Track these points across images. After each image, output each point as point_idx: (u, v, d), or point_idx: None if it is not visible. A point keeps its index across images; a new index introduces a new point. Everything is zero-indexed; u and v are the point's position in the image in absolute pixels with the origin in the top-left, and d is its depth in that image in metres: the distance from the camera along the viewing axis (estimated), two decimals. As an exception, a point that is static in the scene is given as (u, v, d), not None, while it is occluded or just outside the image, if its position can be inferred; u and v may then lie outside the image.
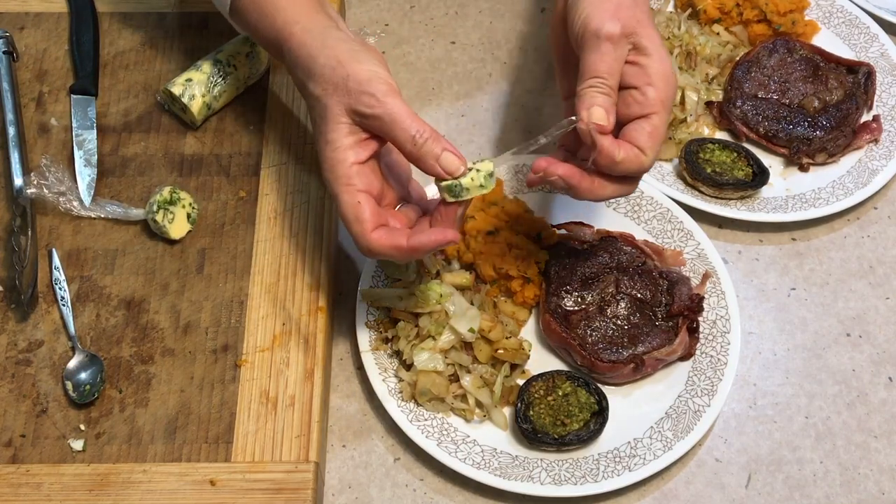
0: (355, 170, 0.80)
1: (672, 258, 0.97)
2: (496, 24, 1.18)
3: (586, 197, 0.83)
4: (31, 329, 0.91)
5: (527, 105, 1.12)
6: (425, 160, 0.79)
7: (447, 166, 0.79)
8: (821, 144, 1.06)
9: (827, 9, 1.17)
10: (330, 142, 0.80)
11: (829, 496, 0.89)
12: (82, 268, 0.94)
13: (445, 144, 0.79)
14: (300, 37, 0.83)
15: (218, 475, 0.83)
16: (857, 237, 1.04)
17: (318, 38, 0.83)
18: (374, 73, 0.79)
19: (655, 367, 0.92)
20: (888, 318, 0.99)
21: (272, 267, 0.94)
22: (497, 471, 0.86)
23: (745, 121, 1.07)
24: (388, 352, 0.92)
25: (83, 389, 0.87)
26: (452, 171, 0.79)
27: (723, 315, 0.95)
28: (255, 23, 0.88)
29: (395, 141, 0.79)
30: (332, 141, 0.80)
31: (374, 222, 0.79)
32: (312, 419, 0.86)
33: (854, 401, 0.94)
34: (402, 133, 0.78)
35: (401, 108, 0.78)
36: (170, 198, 0.94)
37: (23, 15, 1.10)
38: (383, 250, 0.80)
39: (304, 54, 0.82)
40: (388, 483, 0.89)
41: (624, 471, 0.86)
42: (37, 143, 1.01)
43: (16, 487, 0.83)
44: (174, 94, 0.99)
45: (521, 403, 0.88)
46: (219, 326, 0.91)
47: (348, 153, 0.80)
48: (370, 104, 0.78)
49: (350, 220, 0.80)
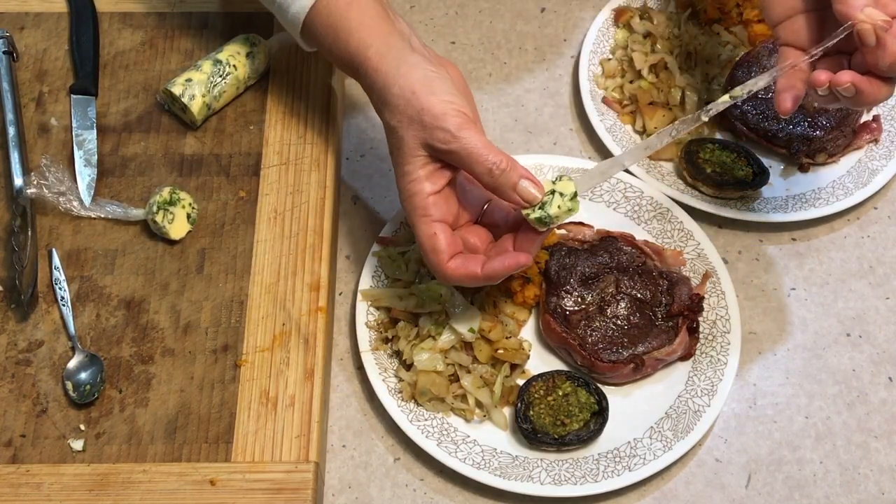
0: (431, 200, 0.81)
1: (672, 258, 0.97)
2: (496, 24, 1.18)
3: (869, 102, 0.81)
4: (31, 329, 0.91)
5: (527, 105, 1.12)
6: (503, 190, 0.80)
7: (525, 195, 0.80)
8: (821, 144, 1.06)
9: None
10: (406, 173, 0.82)
11: (829, 496, 0.89)
12: (82, 268, 0.94)
13: (522, 172, 0.80)
14: (375, 62, 0.84)
15: (218, 475, 0.83)
16: (857, 237, 1.04)
17: (393, 64, 0.83)
18: (447, 105, 0.80)
19: (655, 367, 0.92)
20: (888, 318, 0.99)
21: (272, 267, 0.94)
22: (497, 471, 0.86)
23: (745, 121, 1.07)
24: (388, 352, 0.92)
25: (83, 389, 0.87)
26: (530, 199, 0.80)
27: (723, 315, 0.95)
28: (328, 45, 0.88)
29: (472, 173, 0.81)
30: (407, 172, 0.81)
31: (449, 252, 0.81)
32: (312, 419, 0.86)
33: (854, 401, 0.94)
34: (479, 166, 0.80)
35: (476, 141, 0.79)
36: (169, 198, 0.94)
37: (23, 15, 1.10)
38: (459, 279, 0.82)
39: (380, 81, 0.83)
40: (388, 483, 0.89)
41: (624, 471, 0.86)
42: (37, 143, 1.01)
43: (16, 487, 0.83)
44: (174, 94, 0.99)
45: (521, 403, 0.88)
46: (219, 326, 0.91)
47: (424, 184, 0.81)
48: (445, 140, 0.79)
49: (427, 250, 0.81)
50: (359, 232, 1.02)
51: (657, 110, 1.07)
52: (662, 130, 0.85)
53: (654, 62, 1.10)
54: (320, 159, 0.99)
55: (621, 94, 1.10)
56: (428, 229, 0.81)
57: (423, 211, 0.81)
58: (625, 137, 1.07)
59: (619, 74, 1.12)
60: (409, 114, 0.80)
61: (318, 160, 0.99)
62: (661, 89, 1.09)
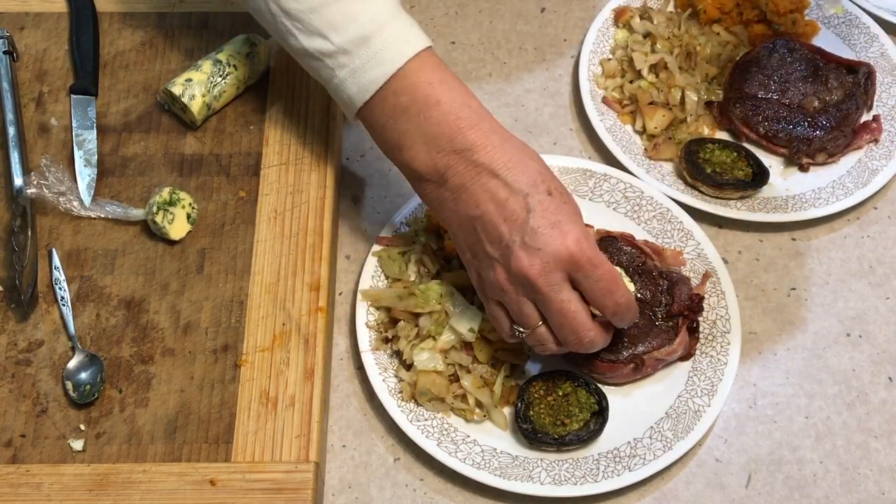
0: None
1: (672, 258, 0.97)
2: (496, 24, 1.18)
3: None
4: (31, 329, 0.91)
5: (527, 105, 1.12)
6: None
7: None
8: (821, 144, 1.06)
9: (827, 8, 1.17)
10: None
11: (829, 496, 0.89)
12: (82, 268, 0.94)
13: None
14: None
15: (218, 475, 0.83)
16: (857, 237, 1.04)
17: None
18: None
19: (655, 367, 0.92)
20: (888, 318, 0.99)
21: (272, 267, 0.94)
22: (497, 471, 0.86)
23: (745, 121, 1.07)
24: (388, 352, 0.92)
25: (83, 389, 0.87)
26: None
27: (723, 315, 0.95)
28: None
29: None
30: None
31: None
32: (312, 419, 0.86)
33: (854, 401, 0.94)
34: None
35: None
36: (169, 198, 0.94)
37: (23, 15, 1.10)
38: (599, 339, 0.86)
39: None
40: (388, 483, 0.89)
41: (624, 471, 0.86)
42: (37, 143, 1.01)
43: (16, 487, 0.83)
44: (174, 94, 0.99)
45: (521, 403, 0.88)
46: (219, 326, 0.91)
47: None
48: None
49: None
50: (359, 232, 1.02)
51: (657, 110, 1.07)
52: None
53: (654, 62, 1.10)
54: (320, 159, 0.99)
55: (621, 94, 1.10)
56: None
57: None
58: (625, 137, 1.07)
59: (619, 74, 1.12)
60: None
61: (318, 160, 0.99)
62: (661, 89, 1.09)
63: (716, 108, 1.09)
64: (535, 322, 0.83)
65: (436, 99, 0.83)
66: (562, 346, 0.84)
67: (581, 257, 0.80)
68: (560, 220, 0.80)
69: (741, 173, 1.04)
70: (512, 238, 0.80)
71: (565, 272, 0.81)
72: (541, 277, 0.80)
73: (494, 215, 0.81)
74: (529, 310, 0.83)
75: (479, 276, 0.85)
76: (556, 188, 0.82)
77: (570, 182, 1.02)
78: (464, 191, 0.83)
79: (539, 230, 0.80)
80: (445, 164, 0.83)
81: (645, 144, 1.07)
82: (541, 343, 0.85)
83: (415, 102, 0.83)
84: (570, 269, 0.80)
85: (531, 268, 0.80)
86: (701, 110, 1.09)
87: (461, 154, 0.82)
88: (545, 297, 0.81)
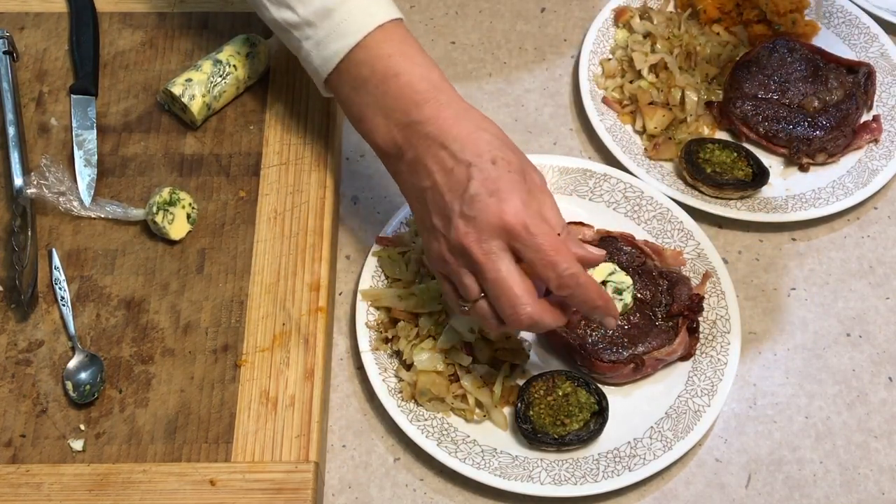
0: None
1: (672, 258, 0.97)
2: (496, 24, 1.18)
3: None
4: (31, 329, 0.91)
5: (527, 105, 1.12)
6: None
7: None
8: (821, 144, 1.06)
9: (827, 9, 1.17)
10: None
11: (829, 496, 0.89)
12: (82, 268, 0.94)
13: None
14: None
15: (218, 475, 0.83)
16: (857, 237, 1.04)
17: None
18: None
19: (655, 367, 0.92)
20: (888, 318, 0.99)
21: (272, 267, 0.94)
22: (497, 471, 0.86)
23: (745, 121, 1.07)
24: (388, 352, 0.92)
25: (83, 389, 0.87)
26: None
27: (723, 315, 0.95)
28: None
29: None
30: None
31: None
32: (312, 419, 0.86)
33: (854, 401, 0.94)
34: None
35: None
36: (169, 199, 0.94)
37: (23, 15, 1.10)
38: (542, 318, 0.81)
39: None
40: (388, 483, 0.89)
41: (624, 471, 0.86)
42: (37, 143, 1.01)
43: (16, 487, 0.83)
44: (174, 94, 0.99)
45: (521, 403, 0.88)
46: (219, 326, 0.91)
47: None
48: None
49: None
50: (359, 232, 1.02)
51: (657, 110, 1.07)
52: None
53: (654, 62, 1.10)
54: (320, 159, 0.99)
55: (621, 94, 1.10)
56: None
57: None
58: (625, 137, 1.07)
59: (619, 74, 1.12)
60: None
61: (318, 160, 0.99)
62: (661, 89, 1.09)
63: (716, 108, 1.09)
64: (474, 294, 0.80)
65: (394, 71, 0.83)
66: (503, 323, 0.81)
67: (517, 225, 0.76)
68: (499, 189, 0.77)
69: (741, 173, 1.04)
70: (452, 207, 0.79)
71: (503, 241, 0.78)
72: (475, 245, 0.77)
73: (441, 185, 0.80)
74: (469, 281, 0.80)
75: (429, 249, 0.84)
76: (503, 157, 0.79)
77: (570, 182, 1.03)
78: (417, 163, 0.82)
79: (477, 198, 0.77)
80: (403, 137, 0.83)
81: (645, 144, 1.07)
82: (484, 318, 0.81)
83: (374, 74, 0.83)
84: (507, 238, 0.77)
85: (466, 235, 0.78)
86: (701, 110, 1.09)
87: (415, 127, 0.82)
88: (481, 266, 0.78)
